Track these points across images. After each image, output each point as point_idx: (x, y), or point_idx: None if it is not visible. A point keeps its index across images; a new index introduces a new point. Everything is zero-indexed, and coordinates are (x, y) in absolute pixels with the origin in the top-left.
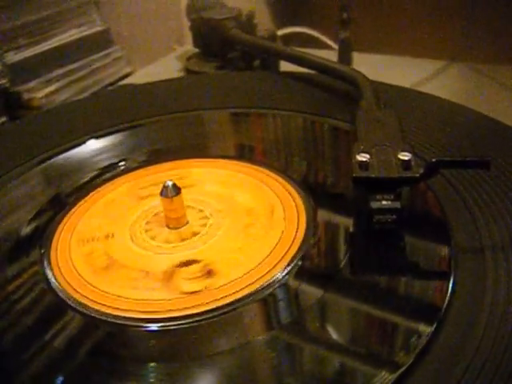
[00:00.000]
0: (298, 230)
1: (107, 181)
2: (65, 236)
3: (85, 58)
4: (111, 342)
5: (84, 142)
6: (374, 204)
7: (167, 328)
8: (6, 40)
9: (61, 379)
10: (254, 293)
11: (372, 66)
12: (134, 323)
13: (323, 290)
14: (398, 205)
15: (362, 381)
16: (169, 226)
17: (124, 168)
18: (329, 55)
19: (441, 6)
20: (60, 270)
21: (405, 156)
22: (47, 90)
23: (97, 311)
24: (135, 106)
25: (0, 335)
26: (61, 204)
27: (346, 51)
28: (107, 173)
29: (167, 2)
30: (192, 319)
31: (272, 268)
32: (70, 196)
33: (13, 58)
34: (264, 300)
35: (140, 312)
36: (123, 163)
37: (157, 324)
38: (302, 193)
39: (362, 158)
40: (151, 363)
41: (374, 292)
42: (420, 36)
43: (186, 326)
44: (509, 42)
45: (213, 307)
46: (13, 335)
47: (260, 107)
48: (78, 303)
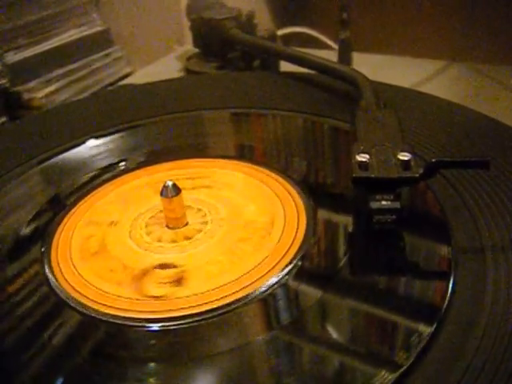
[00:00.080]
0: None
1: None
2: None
3: (85, 58)
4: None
5: (84, 142)
6: (374, 204)
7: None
8: (6, 40)
9: (61, 379)
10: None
11: (372, 66)
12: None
13: (323, 289)
14: (397, 205)
15: (361, 381)
16: (168, 226)
17: (144, 161)
18: (329, 55)
19: (441, 6)
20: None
21: (404, 156)
22: (47, 90)
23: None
24: (135, 106)
25: (0, 335)
26: (60, 204)
27: (346, 51)
28: (107, 173)
29: (167, 2)
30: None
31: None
32: (69, 196)
33: (13, 58)
34: (264, 300)
35: (102, 305)
36: (123, 163)
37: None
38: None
39: (362, 158)
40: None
41: (373, 292)
42: (420, 36)
43: (140, 328)
44: (509, 42)
45: (170, 316)
46: (13, 335)
47: (260, 107)
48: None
